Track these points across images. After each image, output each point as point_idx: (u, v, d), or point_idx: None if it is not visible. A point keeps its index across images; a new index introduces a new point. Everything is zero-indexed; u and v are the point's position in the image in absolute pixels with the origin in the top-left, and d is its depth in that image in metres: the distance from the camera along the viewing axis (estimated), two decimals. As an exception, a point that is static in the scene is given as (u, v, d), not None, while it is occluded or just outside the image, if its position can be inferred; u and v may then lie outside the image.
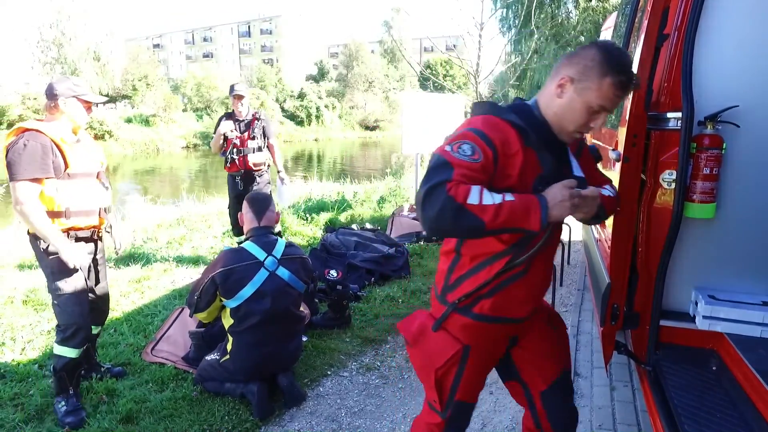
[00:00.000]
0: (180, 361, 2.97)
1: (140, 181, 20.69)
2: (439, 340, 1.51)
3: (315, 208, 7.16)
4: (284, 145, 39.05)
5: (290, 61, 62.21)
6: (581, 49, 1.36)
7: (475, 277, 1.43)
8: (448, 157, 1.24)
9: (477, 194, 1.18)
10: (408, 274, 4.57)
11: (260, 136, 4.51)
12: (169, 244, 5.64)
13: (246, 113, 4.53)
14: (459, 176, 1.21)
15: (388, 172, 9.80)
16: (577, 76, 1.32)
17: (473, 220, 1.17)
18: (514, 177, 1.31)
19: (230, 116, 4.56)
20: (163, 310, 3.76)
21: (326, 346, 3.24)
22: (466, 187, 1.18)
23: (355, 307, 3.81)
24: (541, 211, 1.21)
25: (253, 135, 4.47)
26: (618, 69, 1.28)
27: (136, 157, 29.46)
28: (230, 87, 4.55)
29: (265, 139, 4.56)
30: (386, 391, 2.81)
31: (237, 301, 2.51)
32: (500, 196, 1.20)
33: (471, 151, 1.26)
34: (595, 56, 1.29)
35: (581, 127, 1.37)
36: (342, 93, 51.31)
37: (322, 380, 2.91)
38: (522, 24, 16.92)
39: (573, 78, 1.32)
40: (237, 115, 4.52)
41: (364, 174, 13.86)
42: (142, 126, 33.47)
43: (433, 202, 1.18)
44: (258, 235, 2.70)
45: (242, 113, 4.50)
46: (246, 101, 4.52)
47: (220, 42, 69.37)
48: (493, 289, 1.42)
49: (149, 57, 46.66)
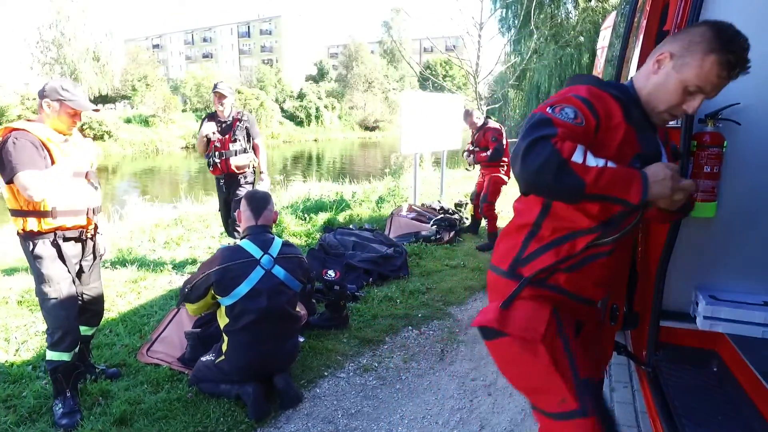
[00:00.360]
0: (175, 362, 2.94)
1: (139, 182, 20.68)
2: (527, 308, 1.35)
3: (313, 208, 7.14)
4: (284, 145, 39.13)
5: (290, 61, 62.22)
6: (691, 26, 1.29)
7: (556, 250, 1.34)
8: (551, 117, 1.19)
9: (581, 153, 1.13)
10: (407, 274, 4.54)
11: (243, 138, 4.34)
12: (167, 245, 5.61)
13: (228, 114, 4.36)
14: (562, 135, 1.16)
15: (387, 172, 9.77)
16: (678, 52, 1.25)
17: (575, 179, 1.11)
18: (612, 150, 1.25)
19: (213, 117, 4.40)
20: (160, 310, 3.73)
21: (323, 347, 3.22)
22: (571, 144, 1.13)
23: (352, 307, 3.79)
24: (642, 185, 1.15)
25: (235, 137, 4.30)
26: (727, 47, 1.19)
27: (136, 158, 29.44)
28: (214, 84, 4.41)
29: (250, 140, 4.41)
30: (383, 392, 2.79)
31: (232, 298, 2.49)
32: (603, 160, 1.14)
33: (574, 115, 1.21)
34: (705, 33, 1.22)
35: (673, 109, 1.30)
36: (342, 93, 51.31)
37: (319, 381, 2.88)
38: (521, 24, 16.91)
39: (674, 53, 1.26)
40: (219, 116, 4.36)
41: (364, 174, 13.85)
42: (141, 126, 33.44)
43: (537, 154, 1.12)
44: (255, 233, 2.69)
45: (224, 113, 4.35)
46: (228, 102, 4.34)
47: (219, 42, 69.35)
48: (573, 265, 1.34)
49: (149, 57, 46.79)
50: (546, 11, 19.02)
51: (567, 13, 19.95)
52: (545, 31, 17.92)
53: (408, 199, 7.44)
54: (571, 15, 19.70)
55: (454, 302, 4.01)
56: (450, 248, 5.48)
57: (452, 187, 9.18)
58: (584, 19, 18.21)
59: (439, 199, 7.45)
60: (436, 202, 6.95)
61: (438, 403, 2.69)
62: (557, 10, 19.69)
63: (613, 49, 3.48)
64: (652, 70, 1.31)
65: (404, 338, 3.40)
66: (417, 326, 3.56)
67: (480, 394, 2.76)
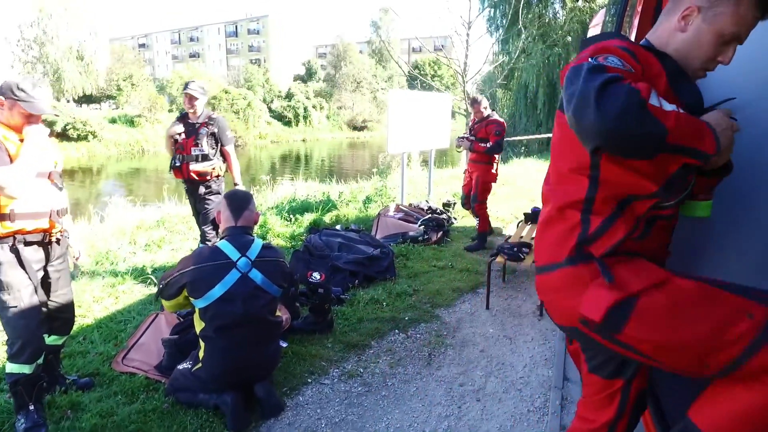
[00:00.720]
0: (152, 370, 2.82)
1: (124, 182, 20.36)
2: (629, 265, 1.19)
3: (299, 208, 7.02)
4: (271, 145, 38.88)
5: (278, 61, 61.99)
6: None
7: (622, 220, 1.21)
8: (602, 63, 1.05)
9: (656, 97, 1.01)
10: (393, 275, 4.45)
11: (207, 143, 4.02)
12: (148, 247, 5.47)
13: (199, 116, 4.08)
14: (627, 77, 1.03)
15: (375, 172, 9.68)
16: (706, 3, 1.18)
17: (656, 124, 0.97)
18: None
19: (184, 117, 4.13)
20: (138, 315, 3.60)
21: (307, 352, 3.12)
22: (645, 84, 0.99)
23: (337, 310, 3.69)
24: (714, 134, 1.04)
25: (197, 141, 3.99)
26: None
27: (121, 158, 29.01)
28: (184, 84, 4.17)
29: (217, 145, 4.10)
30: (369, 399, 2.69)
31: (206, 301, 2.38)
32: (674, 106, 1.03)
33: (620, 63, 1.09)
34: None
35: (708, 63, 1.23)
36: (330, 93, 51.16)
37: (302, 388, 2.78)
38: (509, 23, 16.94)
39: (701, 6, 1.19)
40: (190, 117, 4.09)
41: (352, 174, 13.74)
42: (127, 127, 32.98)
43: (615, 96, 0.96)
44: (234, 234, 2.58)
45: (195, 115, 4.07)
46: (200, 103, 4.08)
47: (207, 42, 68.80)
48: (642, 234, 1.23)
49: (134, 57, 46.18)
50: (534, 11, 19.13)
51: (555, 13, 20.08)
52: (533, 31, 17.98)
53: (395, 199, 7.36)
54: (559, 15, 19.82)
55: (442, 304, 3.93)
56: (438, 249, 5.40)
57: (440, 187, 9.11)
58: (572, 19, 18.32)
59: (426, 198, 7.37)
60: (424, 202, 6.87)
61: (425, 410, 2.60)
62: (545, 9, 19.81)
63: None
64: (677, 27, 1.23)
65: (391, 342, 3.31)
66: (404, 330, 3.47)
67: (468, 400, 2.68)
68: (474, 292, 4.20)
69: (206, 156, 4.04)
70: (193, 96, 4.04)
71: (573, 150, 1.25)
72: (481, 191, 5.38)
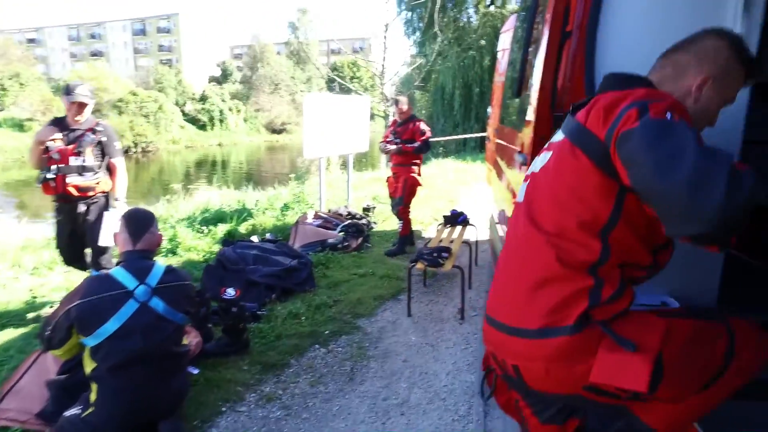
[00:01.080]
0: (33, 419, 2.43)
1: (11, 195, 18.22)
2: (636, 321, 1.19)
3: (212, 219, 6.61)
4: (186, 150, 36.93)
5: (191, 62, 59.12)
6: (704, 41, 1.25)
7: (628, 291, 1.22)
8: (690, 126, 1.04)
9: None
10: (313, 287, 4.29)
11: (91, 154, 3.48)
12: (36, 270, 4.86)
13: (83, 122, 3.52)
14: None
15: (292, 177, 9.38)
16: (717, 74, 1.23)
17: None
18: None
19: (59, 122, 3.51)
20: (18, 353, 3.12)
21: (221, 378, 2.88)
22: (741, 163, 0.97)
23: (254, 328, 3.47)
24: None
25: (79, 150, 3.44)
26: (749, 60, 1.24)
27: (8, 167, 26.03)
28: (65, 87, 3.53)
29: (104, 157, 3.57)
30: (289, 424, 2.53)
31: (96, 339, 2.09)
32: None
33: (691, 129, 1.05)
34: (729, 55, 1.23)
35: (710, 125, 1.29)
36: (247, 95, 49.64)
37: (216, 419, 2.55)
38: (426, 27, 17.35)
39: (715, 76, 1.23)
40: (71, 123, 3.48)
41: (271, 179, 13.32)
42: (14, 131, 29.70)
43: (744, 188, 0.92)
44: (131, 259, 2.30)
45: (80, 122, 3.50)
46: (88, 110, 3.53)
47: (111, 39, 63.98)
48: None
49: (22, 53, 41.83)
50: (449, 15, 19.73)
51: (469, 18, 20.84)
52: (449, 34, 18.55)
53: (314, 205, 7.17)
54: (473, 19, 20.62)
55: (363, 314, 3.83)
56: (358, 255, 5.30)
57: (360, 191, 9.02)
58: (485, 24, 19.11)
59: (346, 204, 7.26)
60: (343, 208, 6.75)
61: (349, 429, 2.49)
62: (459, 14, 20.51)
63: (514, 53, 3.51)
64: (692, 96, 1.24)
65: (311, 359, 3.16)
66: (324, 344, 3.33)
67: (393, 415, 2.60)
68: (396, 299, 4.15)
69: (88, 168, 3.50)
70: (83, 103, 3.46)
71: (590, 202, 1.18)
72: (408, 194, 5.38)
